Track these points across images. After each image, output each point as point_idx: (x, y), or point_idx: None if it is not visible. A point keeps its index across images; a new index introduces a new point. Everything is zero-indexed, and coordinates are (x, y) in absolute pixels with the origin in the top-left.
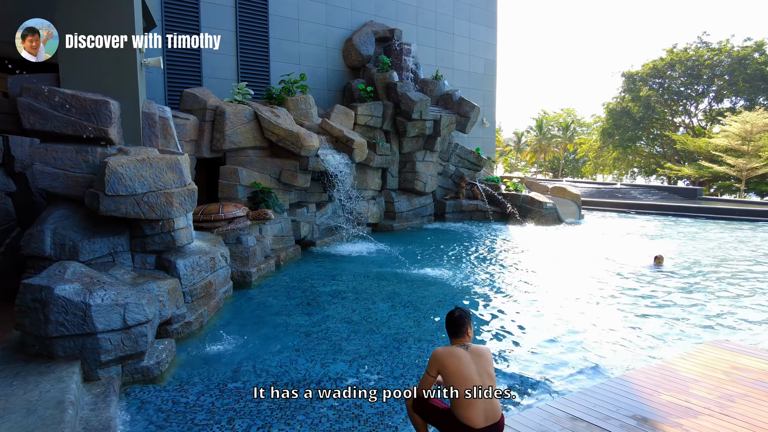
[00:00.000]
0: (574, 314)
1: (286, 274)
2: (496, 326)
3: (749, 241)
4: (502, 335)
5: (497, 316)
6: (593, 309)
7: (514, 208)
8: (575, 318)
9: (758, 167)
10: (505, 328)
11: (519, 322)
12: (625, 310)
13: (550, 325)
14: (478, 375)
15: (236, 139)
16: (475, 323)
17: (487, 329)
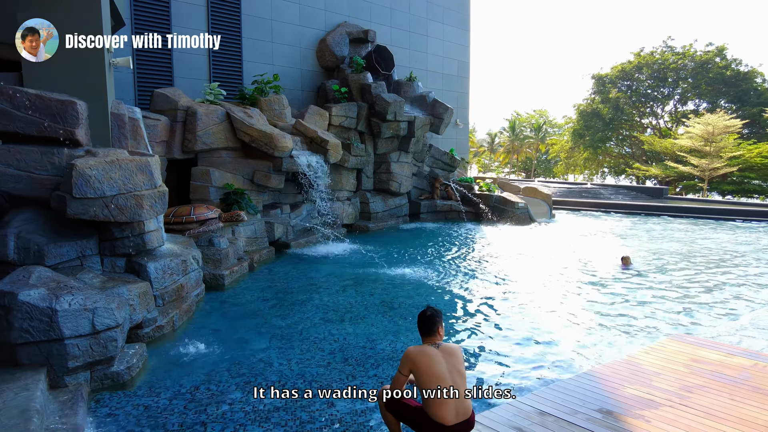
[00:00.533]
0: (544, 312)
1: (260, 276)
2: (469, 324)
3: (711, 238)
4: (475, 333)
5: (470, 314)
6: (563, 307)
7: (487, 208)
8: (545, 316)
9: (719, 167)
10: (477, 326)
11: (491, 320)
12: (594, 307)
13: (521, 322)
14: (448, 373)
15: (208, 140)
16: (451, 321)
17: (461, 327)
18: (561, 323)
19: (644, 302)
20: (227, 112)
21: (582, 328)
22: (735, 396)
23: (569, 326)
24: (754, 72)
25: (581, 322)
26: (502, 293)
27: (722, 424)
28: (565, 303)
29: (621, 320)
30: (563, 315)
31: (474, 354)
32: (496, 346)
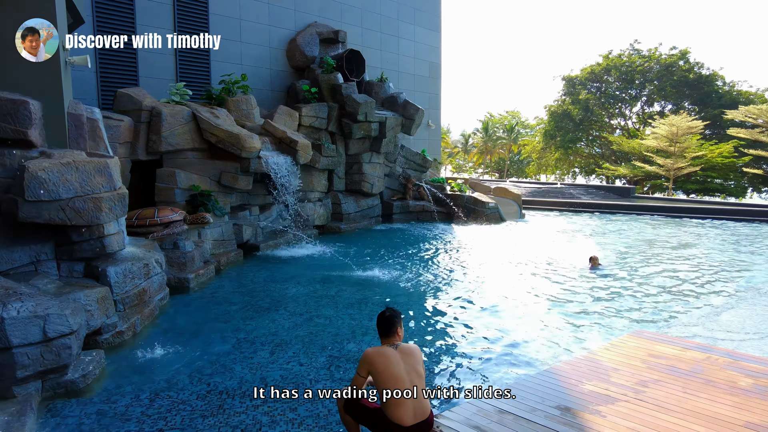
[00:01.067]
0: (510, 311)
1: (227, 279)
2: (437, 323)
3: (675, 235)
4: (442, 331)
5: (438, 313)
6: (529, 305)
7: (459, 208)
8: (512, 314)
9: (683, 167)
10: (445, 325)
11: (459, 319)
12: (560, 305)
13: (487, 321)
14: (406, 373)
15: (174, 141)
16: (420, 320)
17: (428, 326)
18: (527, 321)
19: (609, 300)
20: (193, 113)
21: (547, 326)
22: (687, 389)
23: (535, 324)
24: (715, 75)
25: (547, 321)
26: (471, 292)
27: (674, 417)
28: (532, 301)
29: (586, 318)
30: (529, 313)
31: (440, 353)
32: (462, 345)
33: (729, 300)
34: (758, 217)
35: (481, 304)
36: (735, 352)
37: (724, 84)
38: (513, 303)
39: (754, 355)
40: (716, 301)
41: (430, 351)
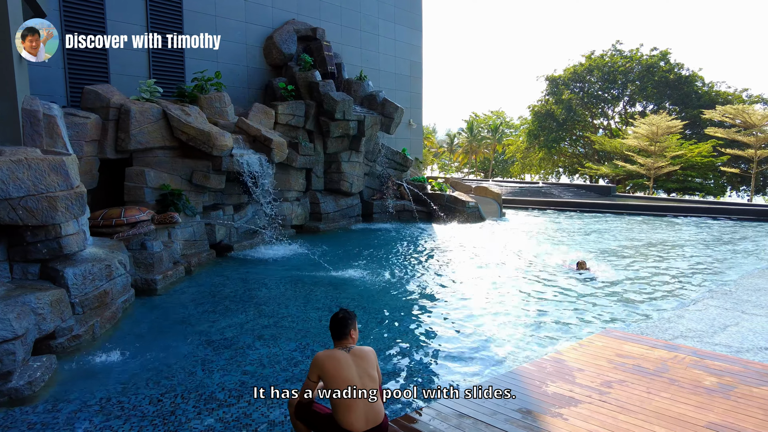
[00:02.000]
0: (483, 311)
1: (198, 280)
2: (405, 324)
3: (654, 234)
4: (409, 332)
5: (407, 314)
6: (502, 305)
7: (439, 207)
8: (483, 314)
9: (663, 166)
10: (413, 325)
11: (428, 319)
12: (534, 305)
13: (458, 321)
14: (358, 377)
15: (143, 139)
16: (393, 321)
17: (395, 327)
18: (499, 322)
19: (583, 299)
20: (164, 110)
21: (519, 326)
22: (651, 389)
23: (507, 325)
24: (694, 76)
25: (519, 321)
26: (444, 292)
27: (635, 418)
28: (505, 301)
29: (559, 318)
30: (502, 313)
31: (406, 353)
32: (430, 345)
33: (702, 298)
34: (735, 215)
35: (453, 303)
36: (701, 350)
37: (704, 84)
38: (486, 302)
39: (719, 354)
40: (690, 298)
41: (397, 351)
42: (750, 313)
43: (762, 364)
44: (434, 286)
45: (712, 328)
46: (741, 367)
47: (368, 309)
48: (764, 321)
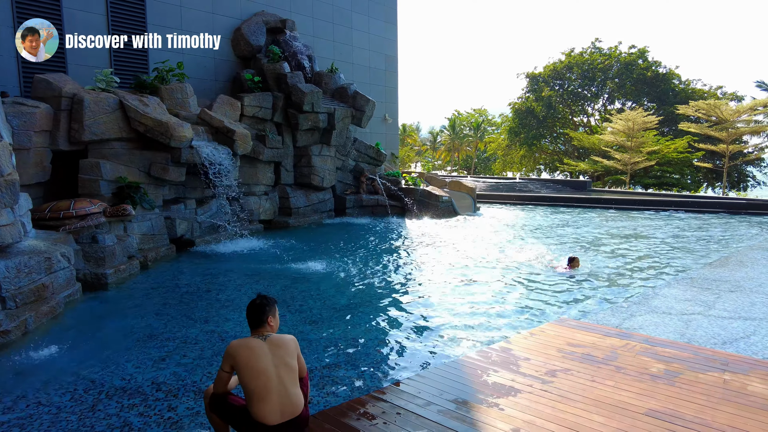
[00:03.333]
0: (443, 302)
1: (152, 275)
2: (359, 315)
3: (626, 227)
4: (361, 323)
5: (365, 306)
6: (461, 298)
7: (413, 202)
8: (443, 306)
9: (640, 161)
10: (368, 316)
11: (384, 313)
12: (496, 298)
13: (415, 312)
14: (274, 368)
15: (98, 130)
16: (346, 313)
17: (349, 317)
18: (457, 313)
19: (546, 289)
20: (120, 101)
21: (477, 317)
22: (596, 377)
23: (464, 316)
24: (671, 73)
25: (479, 312)
26: (405, 284)
27: (575, 407)
28: (466, 294)
29: (521, 309)
30: (460, 305)
31: (352, 344)
32: (383, 338)
33: (664, 286)
34: (705, 208)
35: (412, 296)
36: (654, 338)
37: (680, 82)
38: (445, 295)
39: (671, 341)
40: (653, 287)
41: (346, 342)
42: (709, 302)
43: (712, 350)
44: (395, 280)
45: (670, 316)
46: (690, 353)
47: (325, 300)
48: (721, 309)
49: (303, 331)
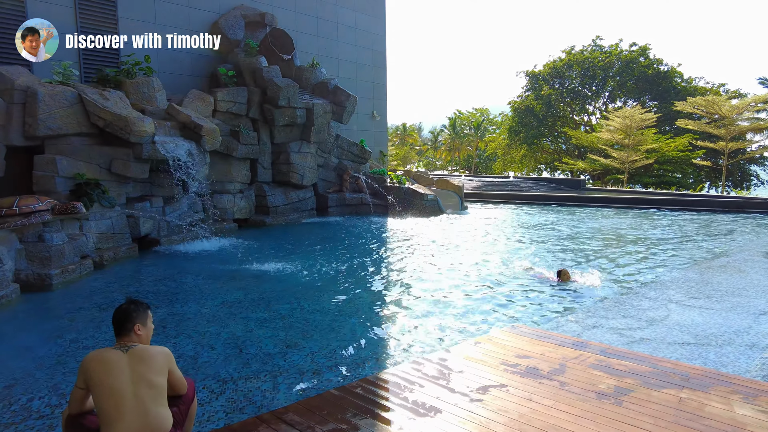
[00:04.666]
0: (400, 309)
1: (106, 275)
2: (310, 322)
3: (620, 227)
4: (310, 331)
5: (319, 310)
6: (424, 302)
7: (398, 200)
8: (399, 314)
9: (638, 160)
10: (318, 322)
11: (337, 318)
12: (460, 303)
13: (369, 321)
14: (131, 384)
15: (54, 125)
16: (293, 319)
17: (296, 325)
18: (415, 316)
19: (517, 294)
20: (79, 94)
21: (434, 323)
22: (534, 395)
23: (421, 322)
24: (673, 71)
25: (439, 316)
26: (369, 288)
27: (493, 429)
28: (429, 297)
29: (485, 314)
30: (421, 309)
31: (284, 355)
32: (325, 346)
33: (636, 289)
34: (703, 207)
35: (372, 299)
36: (612, 348)
37: (682, 80)
38: (408, 299)
39: (630, 351)
40: (626, 288)
41: (278, 349)
42: (683, 305)
43: (673, 363)
44: (360, 281)
45: (639, 322)
46: (648, 366)
47: (273, 303)
48: (695, 314)
49: (236, 335)
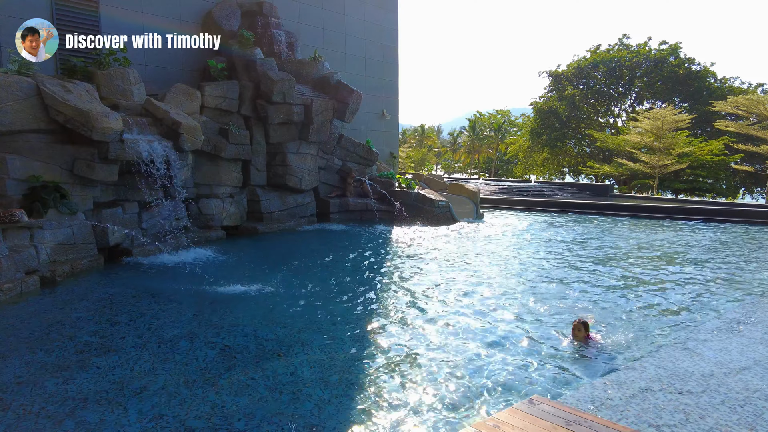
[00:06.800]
0: (389, 370)
1: (53, 294)
2: (270, 364)
3: (655, 244)
4: (269, 378)
5: (290, 344)
6: (412, 345)
7: (406, 206)
8: (376, 356)
9: (670, 164)
10: (280, 366)
11: (304, 359)
12: (456, 354)
13: (339, 390)
14: None
15: (6, 119)
16: (253, 355)
17: (234, 393)
18: (392, 363)
19: (540, 351)
20: (37, 86)
21: (426, 390)
22: None
23: (408, 395)
24: (706, 71)
25: (426, 373)
26: (352, 330)
27: None
28: (421, 340)
29: (493, 377)
30: (405, 356)
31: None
32: (282, 409)
33: (677, 344)
34: (747, 218)
35: (351, 353)
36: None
37: (716, 80)
38: (399, 354)
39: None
40: (663, 343)
41: (240, 405)
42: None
43: None
44: (343, 324)
45: (702, 397)
46: None
47: (229, 340)
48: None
49: (189, 376)
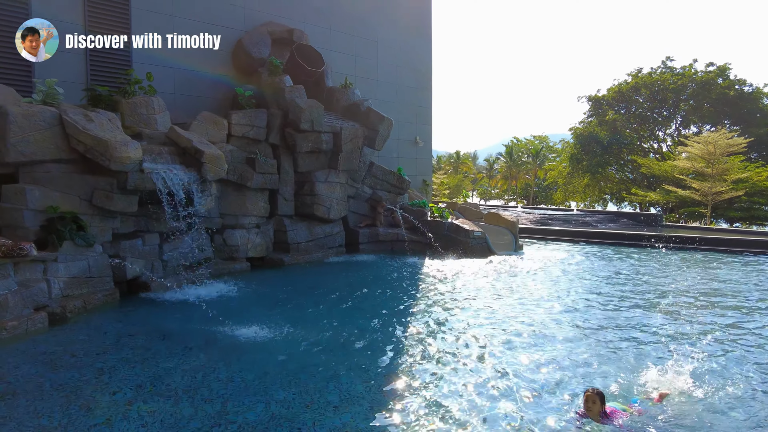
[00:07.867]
0: (386, 414)
1: (59, 334)
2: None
3: (718, 281)
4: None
5: (293, 409)
6: (437, 414)
7: (438, 237)
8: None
9: (724, 191)
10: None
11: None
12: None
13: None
14: None
15: (28, 149)
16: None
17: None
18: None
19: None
20: (60, 115)
21: None
22: None
23: None
24: (759, 92)
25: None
26: (364, 376)
27: None
28: (445, 408)
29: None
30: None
31: None
32: None
33: None
34: None
35: (368, 396)
36: None
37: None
38: (404, 397)
39: None
40: None
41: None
42: None
43: None
44: (370, 361)
45: None
46: None
47: (231, 404)
48: None
49: None
